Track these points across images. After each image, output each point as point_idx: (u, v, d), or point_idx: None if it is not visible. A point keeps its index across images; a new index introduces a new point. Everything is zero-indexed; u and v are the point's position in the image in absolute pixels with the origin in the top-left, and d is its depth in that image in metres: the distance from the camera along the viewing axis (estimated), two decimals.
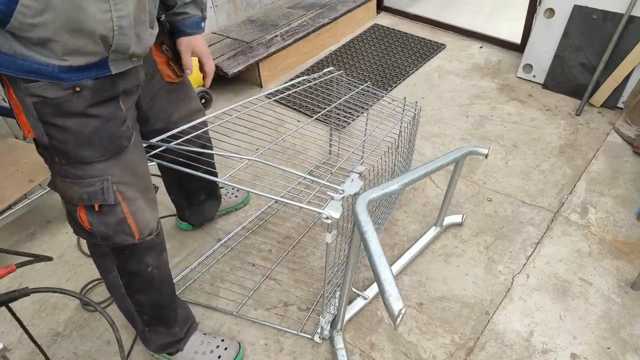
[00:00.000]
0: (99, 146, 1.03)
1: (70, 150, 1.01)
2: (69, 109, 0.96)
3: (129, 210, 1.12)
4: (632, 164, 2.13)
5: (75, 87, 0.94)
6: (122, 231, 1.14)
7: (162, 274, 1.30)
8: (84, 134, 1.00)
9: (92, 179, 1.05)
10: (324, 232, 1.90)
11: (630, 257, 1.75)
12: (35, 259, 1.10)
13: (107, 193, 1.07)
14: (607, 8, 2.34)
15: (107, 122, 1.01)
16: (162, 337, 1.40)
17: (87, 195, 1.07)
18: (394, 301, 0.90)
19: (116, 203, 1.09)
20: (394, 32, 3.26)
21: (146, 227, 1.19)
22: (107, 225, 1.12)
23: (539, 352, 1.49)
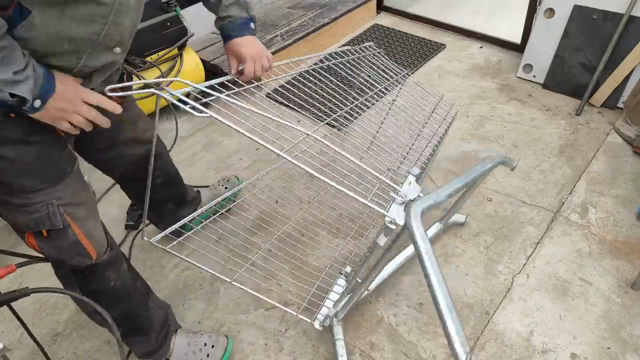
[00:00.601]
0: (40, 174, 0.97)
1: (8, 180, 0.95)
2: (4, 137, 0.90)
3: (81, 231, 1.07)
4: (632, 164, 2.13)
5: (10, 112, 0.88)
6: (77, 253, 1.09)
7: (126, 284, 1.27)
8: (22, 163, 0.94)
9: (36, 205, 0.99)
10: (323, 232, 1.90)
11: (630, 257, 1.75)
12: (35, 259, 1.10)
13: (54, 217, 1.01)
14: (607, 8, 2.34)
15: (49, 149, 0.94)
16: (142, 346, 1.38)
17: (34, 222, 1.01)
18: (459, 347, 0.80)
19: (65, 226, 1.04)
20: (394, 32, 3.26)
21: (101, 246, 1.15)
22: (59, 250, 1.07)
23: (539, 352, 1.49)
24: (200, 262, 1.80)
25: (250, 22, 1.29)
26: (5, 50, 0.82)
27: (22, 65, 0.84)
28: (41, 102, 0.88)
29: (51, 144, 0.88)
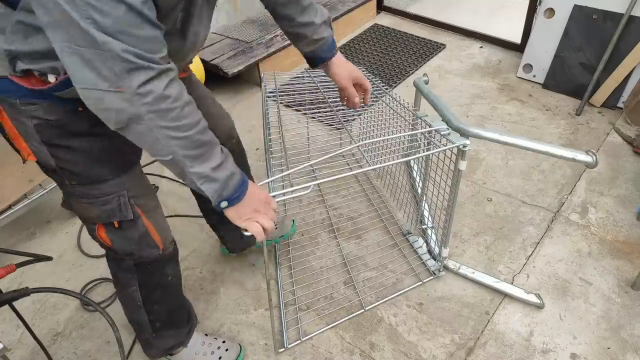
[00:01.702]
0: (109, 164, 1.01)
1: (81, 171, 0.99)
2: (73, 130, 0.94)
3: (150, 222, 1.10)
4: (632, 164, 2.13)
5: (78, 107, 0.91)
6: (146, 245, 1.12)
7: (178, 280, 1.30)
8: (92, 153, 0.98)
9: (107, 196, 1.02)
10: (323, 233, 1.90)
11: (630, 257, 1.75)
12: (35, 259, 1.10)
13: (125, 209, 1.04)
14: (607, 8, 2.34)
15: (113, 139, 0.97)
16: (169, 340, 1.38)
17: (105, 213, 1.04)
18: None
19: (136, 217, 1.07)
20: (394, 32, 3.26)
21: (167, 237, 1.18)
22: (129, 241, 1.10)
23: (539, 352, 1.49)
24: (200, 262, 1.81)
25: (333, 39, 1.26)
26: (208, 145, 0.89)
27: (217, 163, 0.91)
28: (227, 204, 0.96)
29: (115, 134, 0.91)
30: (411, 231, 1.87)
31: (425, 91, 1.62)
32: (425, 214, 1.88)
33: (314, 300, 1.65)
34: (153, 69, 0.77)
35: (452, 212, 1.53)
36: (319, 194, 2.07)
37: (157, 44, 0.78)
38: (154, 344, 1.38)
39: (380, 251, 1.82)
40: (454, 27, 3.23)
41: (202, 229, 1.94)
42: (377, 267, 1.76)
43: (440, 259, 1.67)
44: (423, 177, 1.82)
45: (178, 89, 0.83)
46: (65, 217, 2.02)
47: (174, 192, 2.08)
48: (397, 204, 2.00)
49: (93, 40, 0.70)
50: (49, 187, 1.84)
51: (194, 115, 0.86)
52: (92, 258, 1.85)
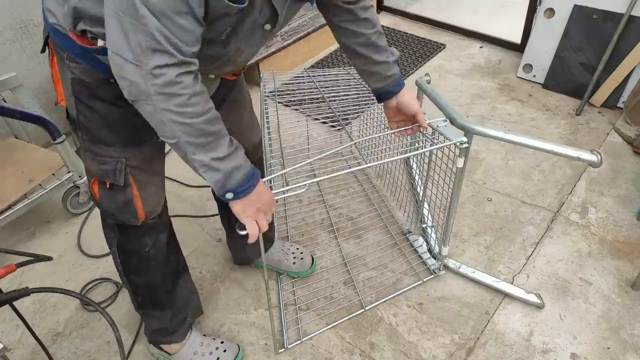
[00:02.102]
0: (119, 133, 1.07)
1: (93, 130, 1.07)
2: (99, 94, 1.02)
3: (138, 193, 1.15)
4: (632, 164, 2.13)
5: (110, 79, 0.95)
6: (127, 212, 1.17)
7: (159, 253, 1.31)
8: (108, 119, 1.05)
9: (107, 158, 1.09)
10: (323, 233, 1.90)
11: (630, 257, 1.75)
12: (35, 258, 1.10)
13: (119, 174, 1.11)
14: (607, 8, 2.34)
15: (134, 116, 1.00)
16: (155, 322, 1.40)
17: (101, 172, 1.11)
18: None
19: (126, 184, 1.12)
20: (394, 32, 3.26)
21: (152, 212, 1.22)
22: (114, 203, 1.16)
23: (539, 352, 1.49)
24: (200, 262, 1.81)
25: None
26: (213, 135, 0.92)
27: (222, 154, 0.93)
28: (233, 196, 0.99)
29: (136, 112, 0.94)
30: (411, 230, 1.88)
31: (428, 90, 1.62)
32: (425, 213, 1.88)
33: (314, 300, 1.65)
34: (175, 57, 0.81)
35: (452, 211, 1.53)
36: (319, 194, 2.07)
37: (192, 38, 0.82)
38: (144, 323, 1.42)
39: (380, 251, 1.82)
40: (454, 27, 3.23)
41: (202, 229, 1.94)
42: (377, 267, 1.76)
43: (441, 258, 1.67)
44: (423, 177, 1.82)
45: (192, 81, 0.86)
46: (65, 217, 2.02)
47: (174, 192, 2.08)
48: (397, 203, 2.00)
49: (135, 11, 0.76)
50: (49, 187, 1.84)
51: (202, 105, 0.89)
52: (92, 258, 1.85)
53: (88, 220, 2.00)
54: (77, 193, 1.98)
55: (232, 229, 1.63)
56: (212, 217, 1.96)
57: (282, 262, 1.69)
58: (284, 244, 1.74)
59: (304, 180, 1.18)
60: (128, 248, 1.27)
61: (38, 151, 1.95)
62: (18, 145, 1.98)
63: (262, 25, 0.97)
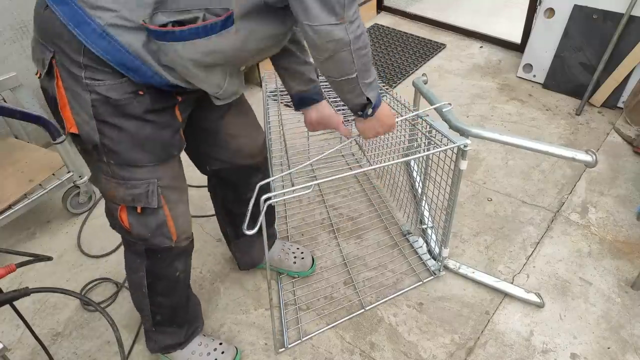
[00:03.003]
0: (150, 151, 1.04)
1: (122, 151, 1.02)
2: (128, 111, 0.98)
3: (170, 213, 1.13)
4: (632, 164, 2.13)
5: (139, 90, 0.96)
6: (161, 234, 1.14)
7: (187, 278, 1.32)
8: (138, 137, 1.01)
9: (138, 181, 1.06)
10: (323, 233, 1.90)
11: (630, 257, 1.75)
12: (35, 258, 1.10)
13: (151, 196, 1.08)
14: (607, 8, 2.34)
15: (162, 129, 1.02)
16: (169, 338, 1.38)
17: (131, 197, 1.07)
18: None
19: (159, 206, 1.10)
20: (394, 32, 3.26)
21: (184, 232, 1.20)
22: (147, 227, 1.13)
23: (539, 352, 1.49)
24: (200, 262, 1.81)
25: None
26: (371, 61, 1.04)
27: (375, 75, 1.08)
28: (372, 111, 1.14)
29: (165, 125, 0.95)
30: (411, 231, 1.87)
31: (424, 91, 1.62)
32: (425, 214, 1.88)
33: (314, 300, 1.66)
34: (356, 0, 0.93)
35: (452, 212, 1.53)
36: (319, 194, 2.07)
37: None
38: (153, 338, 1.39)
39: (380, 251, 1.82)
40: (454, 27, 3.23)
41: (202, 229, 1.95)
42: (377, 267, 1.76)
43: (440, 259, 1.67)
44: (423, 177, 1.82)
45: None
46: (65, 217, 2.02)
47: None
48: (397, 203, 2.00)
49: None
50: (49, 187, 1.84)
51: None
52: (92, 258, 1.85)
53: (88, 220, 2.00)
54: (77, 193, 1.98)
55: (236, 236, 1.60)
56: (212, 217, 1.96)
57: (283, 261, 1.69)
58: (285, 244, 1.74)
59: (305, 181, 1.19)
60: (158, 272, 1.24)
61: (38, 151, 1.95)
62: (18, 145, 1.98)
63: None
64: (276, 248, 1.71)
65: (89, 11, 0.88)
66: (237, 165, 1.38)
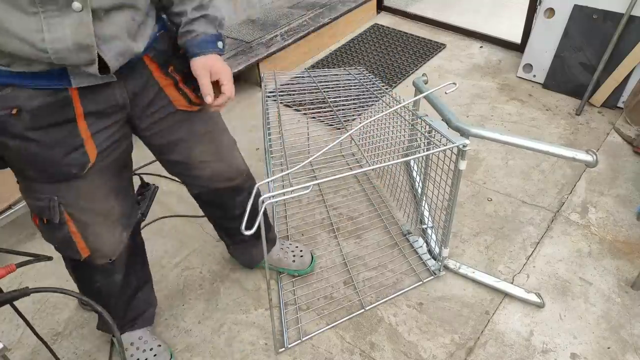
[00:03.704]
0: (41, 170, 1.00)
1: (17, 167, 1.01)
2: (8, 129, 0.93)
3: (77, 231, 1.10)
4: (632, 163, 2.13)
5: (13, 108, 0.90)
6: (67, 248, 1.13)
7: (111, 290, 1.29)
8: (24, 156, 0.97)
9: (40, 194, 1.04)
10: (323, 233, 1.90)
11: (630, 257, 1.75)
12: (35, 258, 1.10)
13: (53, 211, 1.05)
14: (607, 8, 2.34)
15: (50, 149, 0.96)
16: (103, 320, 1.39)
17: (37, 208, 1.07)
18: None
19: (62, 222, 1.07)
20: (394, 32, 3.26)
21: (99, 251, 1.16)
22: (52, 238, 1.13)
23: (539, 352, 1.49)
24: (200, 262, 1.81)
25: (218, 40, 1.12)
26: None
27: None
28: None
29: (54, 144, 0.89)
30: (411, 231, 1.87)
31: (424, 91, 1.62)
32: (425, 214, 1.88)
33: (314, 300, 1.66)
34: None
35: (452, 212, 1.53)
36: (319, 194, 2.07)
37: None
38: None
39: (380, 251, 1.82)
40: (454, 27, 3.23)
41: (202, 229, 1.94)
42: (377, 267, 1.76)
43: (441, 259, 1.67)
44: (423, 177, 1.82)
45: None
46: None
47: (174, 192, 2.08)
48: (397, 203, 2.00)
49: None
50: None
51: None
52: None
53: None
54: None
55: (233, 242, 1.63)
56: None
57: (282, 260, 1.69)
58: (284, 243, 1.74)
59: (304, 181, 1.18)
60: (80, 278, 1.26)
61: None
62: None
63: None
64: (275, 247, 1.71)
65: None
66: (216, 188, 1.35)
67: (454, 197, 1.49)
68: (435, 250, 1.74)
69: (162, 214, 1.99)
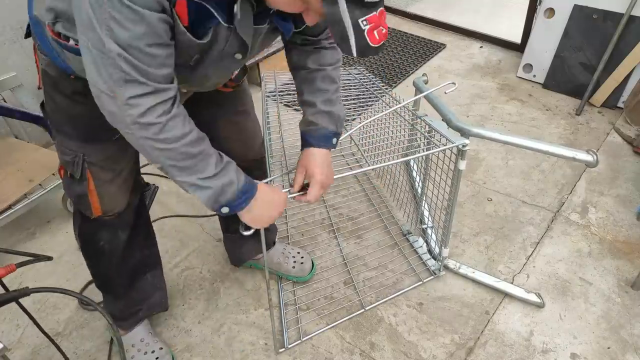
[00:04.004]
0: (77, 128, 1.09)
1: (56, 120, 1.11)
2: (60, 88, 1.04)
3: (95, 189, 1.17)
4: (632, 163, 2.13)
5: (70, 75, 1.00)
6: (82, 204, 1.20)
7: (114, 250, 1.32)
8: (68, 113, 1.08)
9: (68, 149, 1.12)
10: (323, 233, 1.90)
11: (630, 257, 1.75)
12: (35, 258, 1.10)
13: (76, 167, 1.13)
14: (607, 8, 2.34)
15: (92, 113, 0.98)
16: (108, 304, 1.44)
17: (63, 160, 1.15)
18: None
19: (82, 179, 1.14)
20: (394, 32, 3.26)
21: (109, 210, 1.22)
22: (71, 192, 1.20)
23: (539, 352, 1.49)
24: (200, 262, 1.81)
25: (335, 136, 1.18)
26: (198, 156, 0.91)
27: (210, 174, 0.93)
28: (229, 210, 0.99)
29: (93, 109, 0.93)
30: (411, 231, 1.87)
31: (424, 91, 1.62)
32: (425, 214, 1.88)
33: (314, 300, 1.65)
34: (149, 85, 0.82)
35: (452, 212, 1.53)
36: None
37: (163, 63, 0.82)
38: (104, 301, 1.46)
39: (380, 251, 1.82)
40: (454, 27, 3.23)
41: (202, 229, 1.94)
42: (377, 267, 1.76)
43: (441, 259, 1.67)
44: (423, 177, 1.83)
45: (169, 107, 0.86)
46: (65, 217, 2.02)
47: (173, 192, 2.08)
48: (397, 203, 2.00)
49: (102, 45, 0.77)
50: (49, 187, 1.84)
51: (181, 128, 0.88)
52: None
53: None
54: None
55: (226, 229, 1.65)
56: (212, 217, 1.96)
57: (282, 265, 1.69)
58: (285, 247, 1.74)
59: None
60: (85, 237, 1.30)
61: (38, 151, 1.94)
62: (18, 145, 1.97)
63: (232, 54, 0.96)
64: (276, 251, 1.71)
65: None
66: None
67: (454, 197, 1.49)
68: (435, 250, 1.74)
69: (162, 214, 1.99)
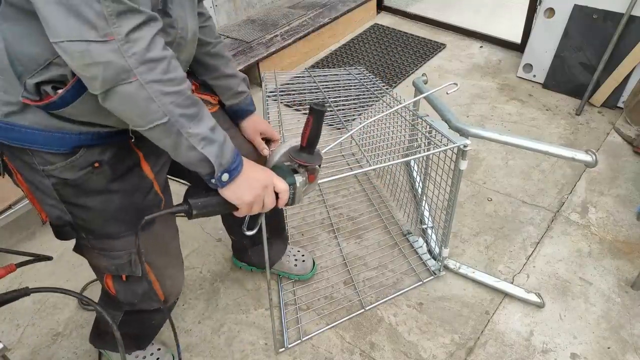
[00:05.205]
0: (125, 221, 0.99)
1: (96, 227, 0.99)
2: (90, 188, 0.92)
3: (157, 279, 1.11)
4: (632, 163, 2.13)
5: (94, 162, 0.90)
6: (148, 298, 1.13)
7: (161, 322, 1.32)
8: (108, 211, 0.97)
9: (119, 252, 1.02)
10: (323, 233, 1.90)
11: (630, 257, 1.75)
12: (35, 258, 1.10)
13: (134, 265, 1.04)
14: (608, 8, 2.34)
15: (131, 195, 0.96)
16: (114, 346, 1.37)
17: (115, 266, 1.05)
18: None
19: (144, 274, 1.06)
20: (394, 32, 3.26)
21: (172, 293, 1.18)
22: (133, 294, 1.11)
23: (539, 352, 1.49)
24: (200, 262, 1.81)
25: None
26: (199, 104, 0.80)
27: (213, 122, 0.83)
28: (229, 177, 0.86)
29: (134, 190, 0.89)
30: (411, 231, 1.88)
31: (424, 91, 1.62)
32: (425, 214, 1.88)
33: (314, 300, 1.66)
34: (142, 12, 0.70)
35: (452, 212, 1.53)
36: (319, 194, 2.07)
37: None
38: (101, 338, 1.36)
39: (380, 251, 1.82)
40: (454, 27, 3.23)
41: (202, 229, 1.94)
42: (377, 267, 1.76)
43: (441, 259, 1.67)
44: (423, 177, 1.83)
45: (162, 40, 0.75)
46: None
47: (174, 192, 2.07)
48: (397, 203, 2.00)
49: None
50: None
51: (180, 69, 0.78)
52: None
53: None
54: None
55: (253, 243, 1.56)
56: (212, 217, 1.96)
57: (284, 264, 1.69)
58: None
59: None
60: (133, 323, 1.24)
61: None
62: None
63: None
64: None
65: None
66: None
67: (454, 197, 1.49)
68: (435, 250, 1.74)
69: None
